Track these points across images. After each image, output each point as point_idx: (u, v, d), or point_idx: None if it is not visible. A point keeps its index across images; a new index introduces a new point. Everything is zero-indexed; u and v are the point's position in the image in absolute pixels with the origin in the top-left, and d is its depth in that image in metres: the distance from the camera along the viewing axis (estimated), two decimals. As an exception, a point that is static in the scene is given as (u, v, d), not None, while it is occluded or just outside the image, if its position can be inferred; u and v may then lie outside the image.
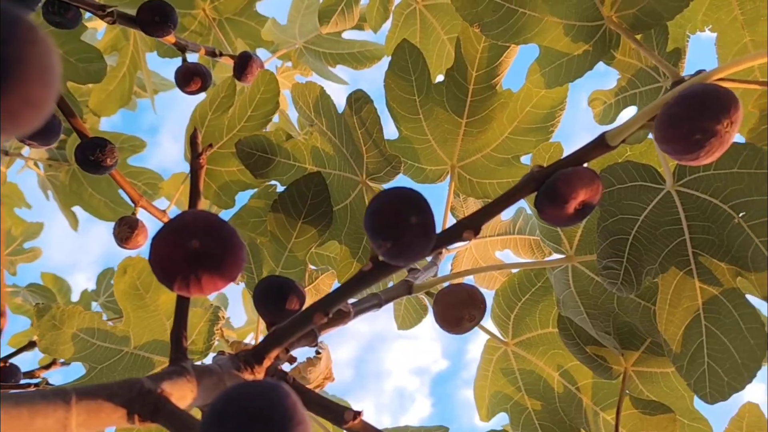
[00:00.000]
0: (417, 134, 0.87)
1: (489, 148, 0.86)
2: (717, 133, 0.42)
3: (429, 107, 0.86)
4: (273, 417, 0.28)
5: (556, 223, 0.47)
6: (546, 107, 0.83)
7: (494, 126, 0.85)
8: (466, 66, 0.84)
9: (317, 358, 0.94)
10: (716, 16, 0.63)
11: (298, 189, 0.87)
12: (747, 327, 0.57)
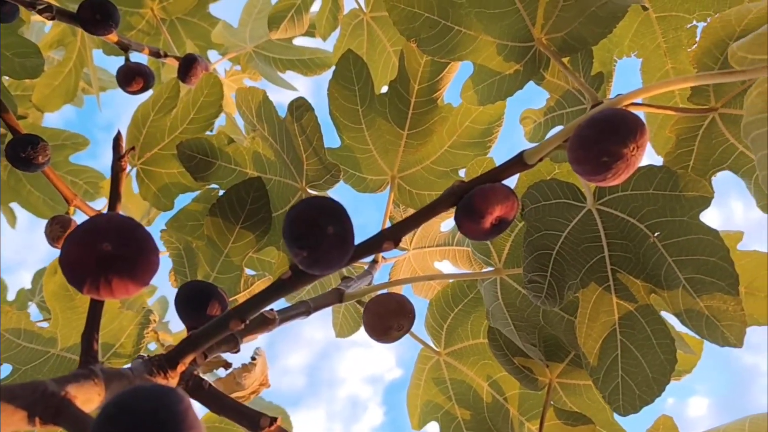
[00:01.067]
0: (359, 144, 0.88)
1: (429, 161, 0.88)
2: (623, 156, 0.44)
3: (371, 117, 0.87)
4: (163, 421, 0.28)
5: (474, 237, 0.49)
6: (484, 123, 0.85)
7: (434, 139, 0.87)
8: (409, 79, 0.85)
9: (252, 364, 0.93)
10: (641, 42, 0.66)
11: (238, 194, 0.87)
12: (658, 342, 0.59)
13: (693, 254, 0.57)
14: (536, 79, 0.66)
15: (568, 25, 0.61)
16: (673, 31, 0.64)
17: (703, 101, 0.57)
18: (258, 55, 1.24)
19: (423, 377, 0.87)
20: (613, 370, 0.61)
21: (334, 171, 0.83)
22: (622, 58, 0.67)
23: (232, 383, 0.92)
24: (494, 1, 0.63)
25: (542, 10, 0.62)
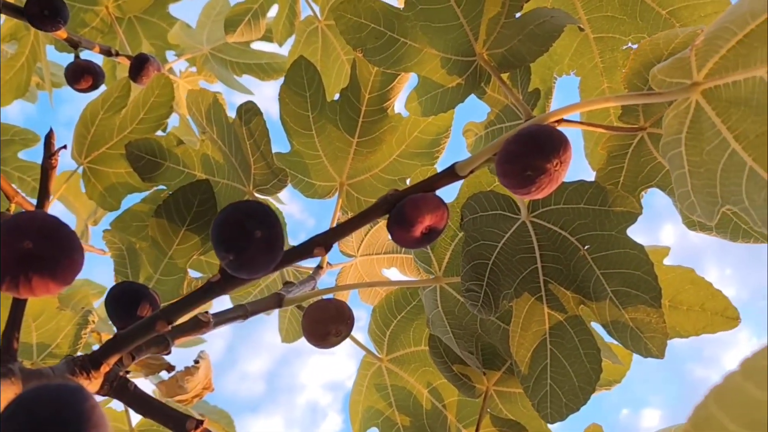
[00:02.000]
0: (308, 149, 0.88)
1: (377, 169, 0.89)
2: (547, 170, 0.45)
3: (322, 124, 0.87)
4: (66, 420, 0.29)
5: (405, 245, 0.50)
6: (432, 134, 0.86)
7: (384, 148, 0.88)
8: (360, 87, 0.86)
9: (195, 368, 0.93)
10: (580, 61, 0.68)
11: (185, 195, 0.87)
12: (585, 352, 0.61)
13: (620, 267, 0.59)
14: (478, 93, 0.68)
15: (508, 42, 0.62)
16: (610, 51, 0.66)
17: (632, 120, 0.60)
18: (214, 57, 1.24)
19: (365, 383, 0.88)
20: (543, 378, 0.63)
21: (281, 176, 0.84)
22: (561, 75, 0.69)
23: (174, 386, 0.91)
24: (439, 15, 0.65)
25: (485, 27, 0.64)
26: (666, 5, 0.62)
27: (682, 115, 0.44)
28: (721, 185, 0.43)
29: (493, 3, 0.64)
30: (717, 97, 0.42)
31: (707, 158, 0.43)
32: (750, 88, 0.40)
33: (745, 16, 0.41)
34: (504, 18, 0.63)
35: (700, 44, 0.43)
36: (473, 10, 0.64)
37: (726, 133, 0.41)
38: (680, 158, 0.45)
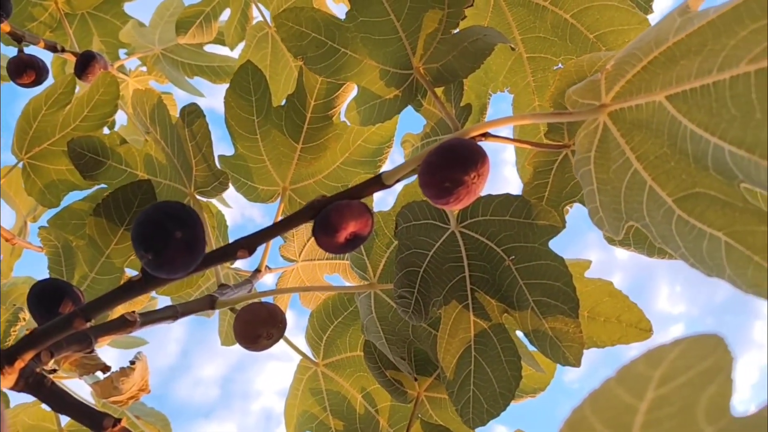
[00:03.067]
0: (253, 153, 0.89)
1: (321, 175, 0.90)
2: (465, 182, 0.47)
3: (267, 129, 0.88)
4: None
5: (329, 250, 0.51)
6: (375, 143, 0.88)
7: (328, 154, 0.89)
8: (306, 94, 0.87)
9: (131, 369, 0.92)
10: (514, 79, 0.71)
11: (125, 195, 0.86)
12: (506, 359, 0.63)
13: (541, 278, 0.62)
14: (415, 106, 0.69)
15: (443, 57, 0.64)
16: (542, 71, 0.69)
17: (558, 138, 0.62)
18: (166, 58, 1.24)
19: (301, 388, 0.88)
20: (466, 384, 0.65)
21: (222, 178, 0.84)
22: (496, 92, 0.72)
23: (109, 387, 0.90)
24: (379, 28, 0.67)
25: (422, 41, 0.66)
26: (593, 29, 0.65)
27: (592, 134, 0.46)
28: (625, 202, 0.45)
29: (431, 19, 0.66)
30: (622, 119, 0.44)
31: (613, 176, 0.45)
32: (650, 112, 0.42)
33: (650, 44, 0.44)
34: (441, 34, 0.65)
35: (610, 68, 0.46)
36: (412, 24, 0.66)
37: (629, 153, 0.44)
38: (590, 175, 0.47)
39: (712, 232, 0.40)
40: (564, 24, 0.67)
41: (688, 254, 0.42)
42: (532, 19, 0.68)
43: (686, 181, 0.41)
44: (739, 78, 0.37)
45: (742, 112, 0.36)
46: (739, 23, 0.39)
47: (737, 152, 0.37)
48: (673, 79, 0.41)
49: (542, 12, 0.67)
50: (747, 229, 0.39)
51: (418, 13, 0.66)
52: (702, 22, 0.41)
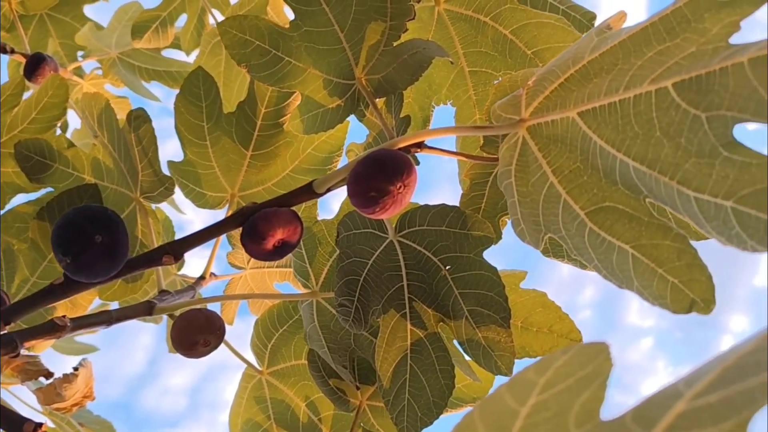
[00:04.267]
0: (202, 159, 0.89)
1: (270, 182, 0.90)
2: (390, 192, 0.48)
3: (217, 135, 0.88)
4: None
5: (257, 257, 0.51)
6: (325, 152, 0.88)
7: (277, 162, 0.89)
8: (257, 102, 0.87)
9: (74, 375, 0.90)
10: (456, 92, 0.72)
11: (70, 199, 0.85)
12: (440, 368, 0.64)
13: (475, 288, 0.63)
14: (358, 116, 0.70)
15: (384, 68, 0.65)
16: (482, 85, 0.70)
17: (492, 151, 0.63)
18: (122, 62, 1.23)
19: (245, 396, 0.88)
20: (402, 392, 0.65)
21: (168, 184, 0.84)
22: (439, 104, 0.73)
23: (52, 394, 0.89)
24: (323, 38, 0.67)
25: (365, 53, 0.67)
26: (531, 46, 0.67)
27: (512, 148, 0.47)
28: (543, 215, 0.46)
29: (374, 31, 0.67)
30: (539, 134, 0.46)
31: (532, 189, 0.47)
32: (565, 127, 0.44)
33: (568, 62, 0.45)
34: (383, 46, 0.66)
35: (532, 84, 0.47)
36: (355, 35, 0.67)
37: (546, 166, 0.45)
38: (511, 188, 0.48)
39: (620, 245, 0.41)
40: (504, 40, 0.68)
41: (601, 266, 0.44)
42: (473, 34, 0.70)
43: (597, 195, 0.42)
44: (641, 97, 0.38)
45: (644, 130, 0.38)
46: (647, 44, 0.40)
47: (640, 168, 0.38)
48: (586, 96, 0.42)
49: (483, 27, 0.69)
50: (652, 242, 0.40)
51: (362, 25, 0.67)
52: (615, 42, 0.42)
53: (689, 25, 0.39)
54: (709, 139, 0.35)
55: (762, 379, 0.22)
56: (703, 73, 0.35)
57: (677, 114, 0.36)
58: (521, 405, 0.29)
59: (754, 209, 0.33)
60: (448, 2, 0.70)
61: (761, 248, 0.34)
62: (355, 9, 0.66)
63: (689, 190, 0.36)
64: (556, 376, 0.30)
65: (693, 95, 0.36)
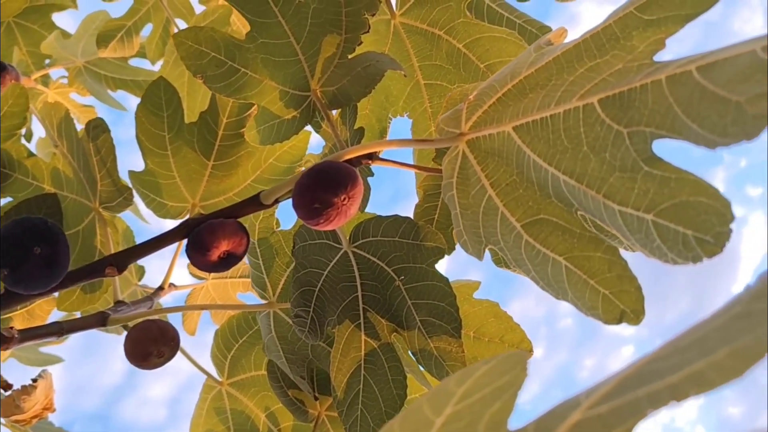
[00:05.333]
0: (163, 169, 0.88)
1: (232, 192, 0.90)
2: (334, 204, 0.48)
3: (178, 145, 0.88)
4: None
5: (202, 269, 0.51)
6: (287, 162, 0.88)
7: (239, 172, 0.89)
8: (219, 112, 0.87)
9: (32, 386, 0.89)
10: (412, 105, 0.73)
11: (29, 208, 0.84)
12: (393, 378, 0.64)
13: (427, 298, 0.63)
14: (314, 127, 0.71)
15: (339, 81, 0.66)
16: (438, 97, 0.71)
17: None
18: (88, 70, 1.22)
19: (205, 407, 0.88)
20: (355, 403, 0.66)
21: (126, 194, 0.83)
22: (396, 116, 0.74)
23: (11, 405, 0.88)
24: (279, 50, 0.68)
25: (320, 65, 0.67)
26: (484, 59, 0.68)
27: (453, 161, 0.48)
28: (483, 227, 0.47)
29: (329, 43, 0.67)
30: (478, 147, 0.47)
31: (472, 201, 0.47)
32: (501, 141, 0.45)
33: (506, 77, 0.46)
34: (338, 58, 0.67)
35: (473, 98, 0.48)
36: (311, 48, 0.67)
37: (484, 179, 0.46)
38: (453, 200, 0.49)
39: (554, 257, 0.42)
40: (457, 53, 0.69)
41: (538, 277, 0.44)
42: (428, 48, 0.71)
43: (532, 208, 0.43)
44: (570, 112, 0.39)
45: (573, 145, 0.39)
46: (579, 60, 0.41)
47: (569, 182, 0.39)
48: (521, 111, 0.43)
49: (438, 41, 0.70)
50: (584, 254, 0.41)
51: (318, 37, 0.67)
52: (550, 58, 0.43)
53: (618, 42, 0.40)
54: (630, 154, 0.36)
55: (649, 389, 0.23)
56: (626, 89, 0.36)
57: (602, 129, 0.37)
58: (437, 415, 0.30)
59: (673, 222, 0.34)
60: (403, 16, 0.71)
61: (680, 261, 0.35)
62: (311, 22, 0.67)
63: (614, 203, 0.37)
64: (474, 387, 0.30)
65: (616, 111, 0.37)
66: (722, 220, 0.32)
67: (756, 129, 0.29)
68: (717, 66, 0.32)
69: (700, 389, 0.21)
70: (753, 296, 0.24)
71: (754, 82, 0.29)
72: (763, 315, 0.23)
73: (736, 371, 0.21)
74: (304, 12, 0.66)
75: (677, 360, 0.23)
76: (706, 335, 0.24)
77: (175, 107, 0.87)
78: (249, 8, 0.66)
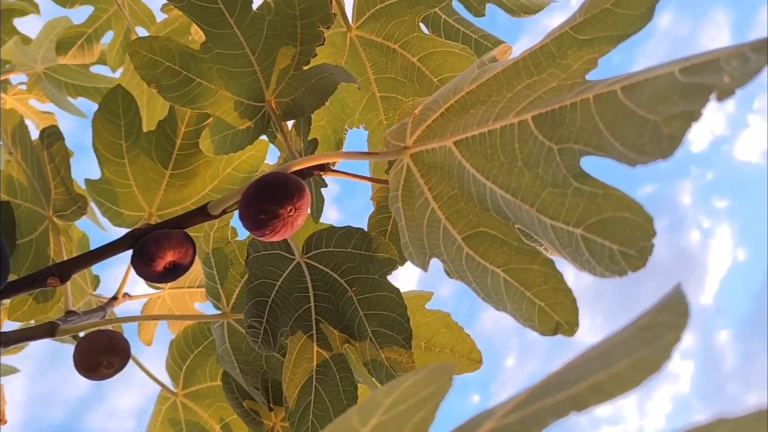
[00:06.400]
0: (119, 178, 0.88)
1: (189, 201, 0.90)
2: (280, 215, 0.49)
3: (135, 153, 0.87)
4: None
5: (147, 279, 0.51)
6: (245, 171, 0.88)
7: (197, 181, 0.89)
8: (177, 121, 0.87)
9: (-20, 399, 0.87)
10: (368, 117, 0.74)
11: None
12: (344, 389, 0.65)
13: (379, 309, 0.64)
14: (269, 137, 0.71)
15: (293, 92, 0.66)
16: (393, 110, 0.72)
17: (397, 175, 0.65)
18: (48, 77, 1.21)
19: (159, 418, 0.87)
20: (306, 414, 0.66)
21: (81, 203, 0.82)
22: (352, 128, 0.74)
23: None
24: (234, 60, 0.68)
25: (275, 76, 0.68)
26: (437, 74, 0.69)
27: (399, 174, 0.49)
28: (427, 238, 0.48)
29: (284, 55, 0.68)
30: (421, 161, 0.47)
31: (417, 214, 0.48)
32: (443, 155, 0.45)
33: (449, 92, 0.47)
34: (293, 70, 0.67)
35: (418, 113, 0.49)
36: (266, 59, 0.68)
37: (427, 193, 0.47)
38: (399, 212, 0.50)
39: (493, 269, 0.43)
40: (412, 67, 0.70)
41: (478, 289, 0.45)
42: (384, 61, 0.71)
43: (473, 221, 0.44)
44: (507, 128, 0.40)
45: (509, 160, 0.40)
46: (518, 78, 0.42)
47: (506, 196, 0.40)
48: (462, 126, 0.44)
49: (393, 54, 0.71)
50: (521, 266, 0.42)
51: (273, 49, 0.67)
52: (491, 75, 0.44)
53: (554, 60, 0.41)
54: (561, 170, 0.37)
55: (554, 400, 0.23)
56: (557, 107, 0.37)
57: (535, 145, 0.38)
58: (363, 426, 0.30)
59: (600, 237, 0.35)
60: (359, 29, 0.72)
61: (608, 274, 0.36)
62: (267, 33, 0.67)
63: (546, 217, 0.38)
64: (401, 397, 0.31)
65: (548, 128, 0.38)
66: (645, 235, 0.33)
67: (670, 148, 0.30)
68: (639, 87, 0.33)
69: (599, 399, 0.22)
70: (658, 308, 0.25)
71: (671, 103, 0.30)
72: (665, 327, 0.24)
73: (634, 382, 0.22)
74: (259, 23, 0.67)
75: (583, 371, 0.24)
76: (611, 347, 0.24)
77: (133, 115, 0.87)
78: (204, 19, 0.67)
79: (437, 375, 0.31)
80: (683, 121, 0.29)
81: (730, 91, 0.28)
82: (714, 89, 0.28)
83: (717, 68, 0.29)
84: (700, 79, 0.29)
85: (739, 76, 0.28)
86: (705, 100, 0.29)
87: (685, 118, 0.29)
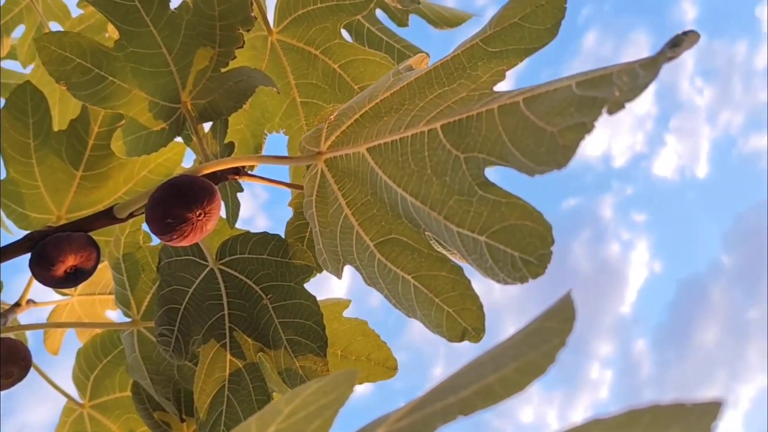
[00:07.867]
0: (26, 178, 0.83)
1: (101, 204, 0.86)
2: (188, 219, 0.47)
3: (44, 153, 0.83)
4: None
5: (48, 284, 0.49)
6: (161, 174, 0.86)
7: (110, 184, 0.86)
8: (90, 120, 0.84)
9: None
10: (288, 122, 0.73)
11: None
12: (256, 398, 0.63)
13: (294, 317, 0.63)
14: (184, 140, 0.69)
15: (210, 94, 0.65)
16: (313, 116, 0.72)
17: (315, 181, 0.64)
18: (-48, 70, 1.14)
19: (65, 431, 0.82)
20: (218, 424, 0.64)
21: (-20, 204, 0.78)
22: (272, 132, 0.74)
23: None
24: (150, 60, 0.66)
25: (193, 77, 0.66)
26: (358, 81, 0.69)
27: (313, 179, 0.49)
28: (341, 245, 0.48)
29: (202, 56, 0.66)
30: (335, 167, 0.47)
31: (330, 220, 0.48)
32: (356, 162, 0.45)
33: (365, 99, 0.47)
34: (211, 71, 0.66)
35: (333, 118, 0.49)
36: (184, 59, 0.66)
37: (341, 198, 0.46)
38: (313, 218, 0.49)
39: (404, 276, 0.43)
40: (333, 73, 0.70)
41: (390, 295, 0.45)
42: (305, 66, 0.71)
43: (385, 227, 0.44)
44: (417, 136, 0.41)
45: (419, 167, 0.40)
46: (430, 87, 0.43)
47: (416, 203, 0.41)
48: (375, 133, 0.44)
49: (314, 60, 0.70)
50: (431, 273, 0.42)
51: (191, 49, 0.66)
52: (405, 83, 0.45)
53: (465, 71, 0.42)
54: (466, 178, 0.38)
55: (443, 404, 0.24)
56: (465, 117, 0.38)
57: (443, 154, 0.39)
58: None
59: (503, 244, 0.36)
60: (281, 33, 0.71)
61: (510, 281, 0.37)
62: (184, 33, 0.66)
63: (453, 225, 0.38)
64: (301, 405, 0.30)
65: (455, 137, 0.38)
66: (544, 243, 0.34)
67: (565, 158, 0.31)
68: (539, 98, 0.34)
69: (486, 403, 0.23)
70: (546, 314, 0.26)
71: (567, 115, 0.31)
72: (552, 332, 0.24)
73: (520, 385, 0.23)
74: (177, 23, 0.65)
75: (473, 376, 0.24)
76: (501, 351, 0.25)
77: (43, 113, 0.83)
78: (119, 16, 0.64)
79: (339, 382, 0.31)
80: (577, 132, 0.31)
81: (620, 105, 0.29)
82: (606, 102, 0.30)
83: (609, 83, 0.30)
84: (593, 93, 0.30)
85: (629, 91, 0.29)
86: (598, 113, 0.30)
87: (579, 129, 0.31)
